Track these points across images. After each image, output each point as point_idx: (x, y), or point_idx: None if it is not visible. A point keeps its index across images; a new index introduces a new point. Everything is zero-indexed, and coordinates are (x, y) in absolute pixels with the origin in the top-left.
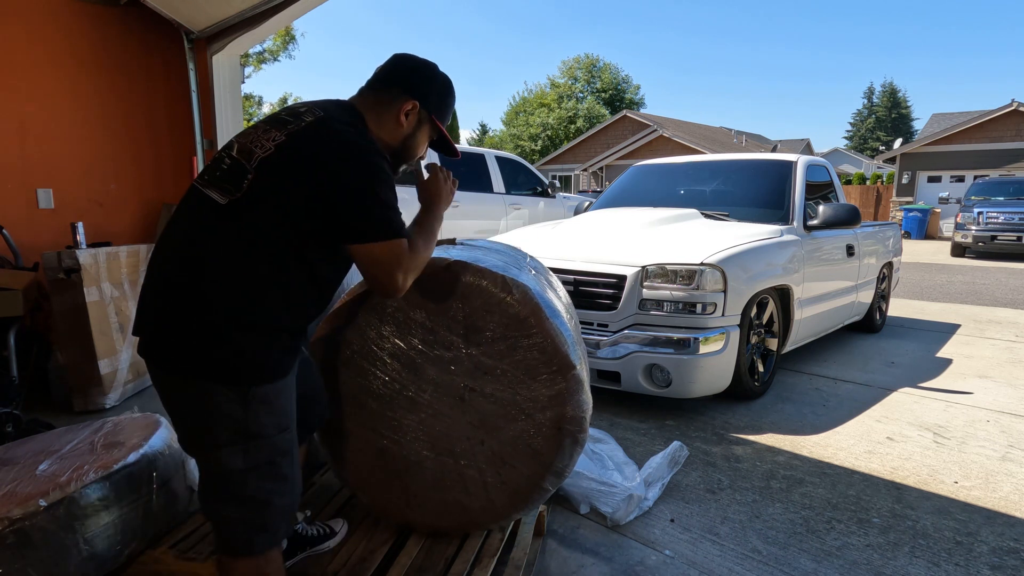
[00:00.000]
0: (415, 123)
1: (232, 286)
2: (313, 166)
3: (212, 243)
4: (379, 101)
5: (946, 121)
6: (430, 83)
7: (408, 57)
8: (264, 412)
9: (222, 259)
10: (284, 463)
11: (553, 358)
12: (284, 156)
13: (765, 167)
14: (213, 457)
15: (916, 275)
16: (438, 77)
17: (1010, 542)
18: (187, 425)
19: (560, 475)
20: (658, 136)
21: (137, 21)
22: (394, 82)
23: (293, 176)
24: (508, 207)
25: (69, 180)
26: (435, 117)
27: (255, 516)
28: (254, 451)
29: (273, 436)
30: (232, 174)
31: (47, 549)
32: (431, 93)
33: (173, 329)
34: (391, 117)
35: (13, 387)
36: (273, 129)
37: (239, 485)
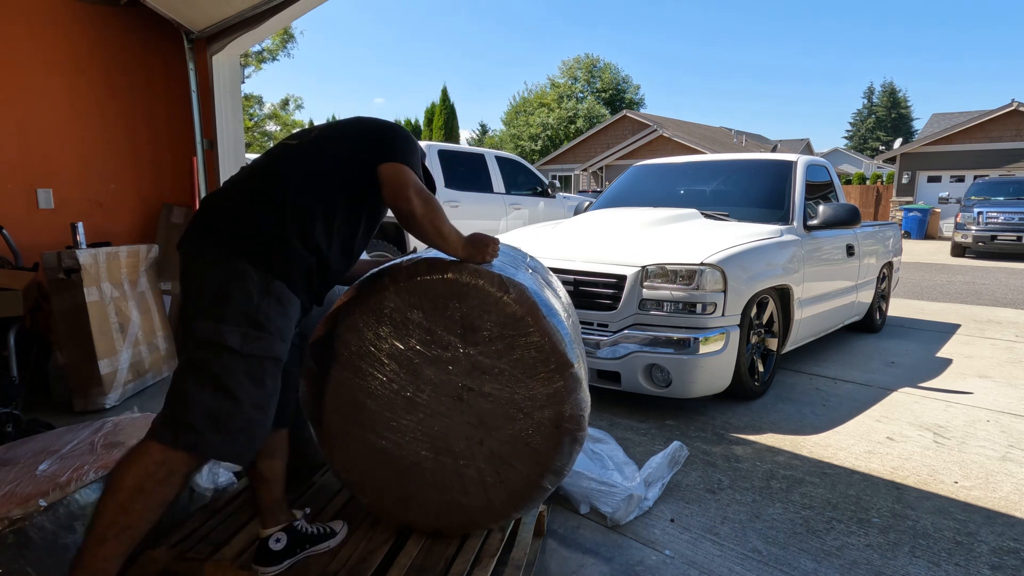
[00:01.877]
0: None
1: (293, 203)
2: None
3: (288, 168)
4: None
5: (946, 121)
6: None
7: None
8: (274, 309)
9: (295, 179)
10: (269, 372)
11: (551, 356)
12: (338, 127)
13: (765, 167)
14: (211, 327)
15: (916, 275)
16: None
17: (1010, 542)
18: (203, 294)
19: (559, 474)
20: (658, 136)
21: (137, 21)
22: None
23: (349, 128)
24: (508, 207)
25: (69, 180)
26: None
27: (221, 408)
28: (252, 340)
29: (273, 336)
30: (299, 135)
31: (47, 549)
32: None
33: (230, 218)
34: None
35: (13, 387)
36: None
37: (221, 364)
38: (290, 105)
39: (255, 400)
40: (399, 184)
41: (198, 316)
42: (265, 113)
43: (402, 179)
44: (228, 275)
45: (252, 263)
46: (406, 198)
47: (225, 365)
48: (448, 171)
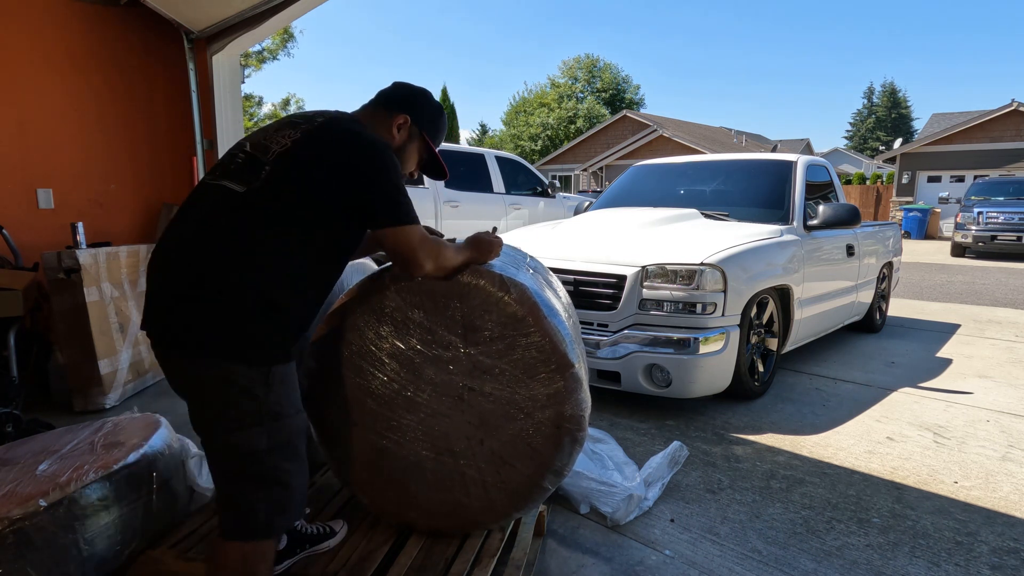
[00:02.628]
0: (406, 137)
1: (256, 269)
2: (330, 156)
3: (233, 230)
4: (376, 114)
5: (946, 121)
6: (424, 104)
7: (406, 84)
8: (284, 392)
9: (246, 244)
10: (301, 443)
11: (551, 357)
12: (301, 149)
13: (765, 167)
14: (235, 438)
15: (916, 275)
16: (431, 102)
17: (1010, 542)
18: (208, 407)
19: (559, 474)
20: (658, 136)
21: (137, 21)
22: (391, 101)
23: (311, 166)
24: (508, 207)
25: (69, 180)
26: (426, 135)
27: (278, 497)
28: (276, 431)
29: (293, 416)
30: (249, 167)
31: (47, 549)
32: (424, 112)
33: (198, 312)
34: (384, 129)
35: (13, 387)
36: (286, 128)
37: (262, 465)
38: (291, 105)
39: (300, 469)
40: (406, 255)
41: (215, 429)
42: (265, 113)
43: (407, 247)
44: (221, 384)
45: (237, 362)
46: (418, 265)
47: (264, 464)
48: (448, 171)
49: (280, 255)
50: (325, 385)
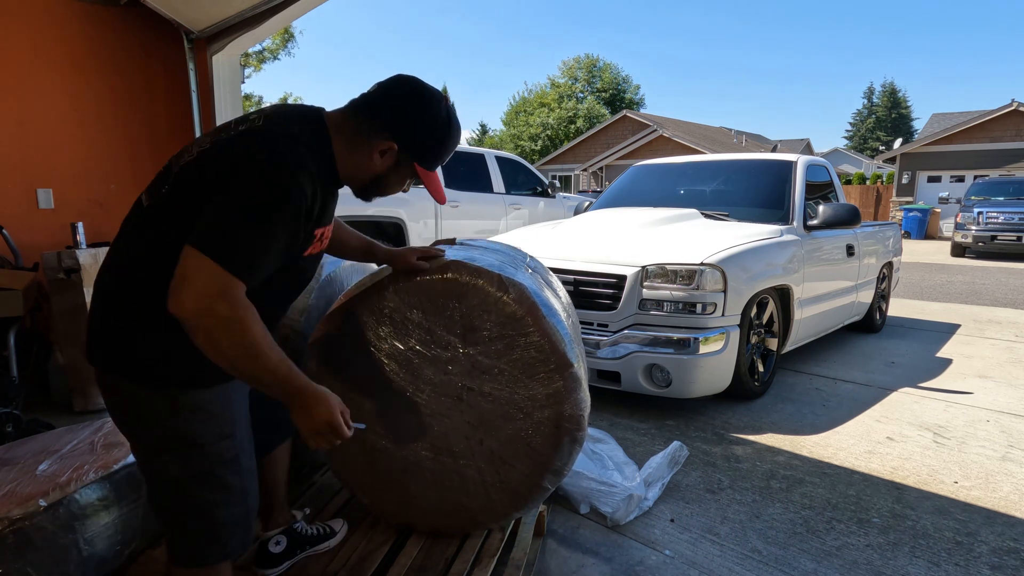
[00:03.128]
0: (392, 164)
1: (148, 288)
2: (212, 176)
3: (134, 245)
4: (351, 127)
5: (946, 121)
6: (417, 123)
7: (407, 84)
8: (198, 419)
9: (141, 262)
10: (228, 472)
11: (550, 356)
12: (198, 165)
13: (765, 167)
14: (150, 463)
15: (916, 275)
16: (429, 116)
17: (1010, 542)
18: (123, 429)
19: (559, 474)
20: (658, 136)
21: (137, 21)
22: (375, 112)
23: (194, 186)
24: (508, 207)
25: (69, 180)
26: (420, 165)
27: (201, 527)
28: (190, 460)
29: (212, 444)
30: (159, 178)
31: (47, 549)
32: (416, 134)
33: (102, 330)
34: (365, 151)
35: (13, 387)
36: (210, 136)
37: (179, 494)
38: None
39: (229, 499)
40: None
41: (133, 448)
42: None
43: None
44: (128, 404)
45: (138, 384)
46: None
47: (183, 492)
48: (448, 171)
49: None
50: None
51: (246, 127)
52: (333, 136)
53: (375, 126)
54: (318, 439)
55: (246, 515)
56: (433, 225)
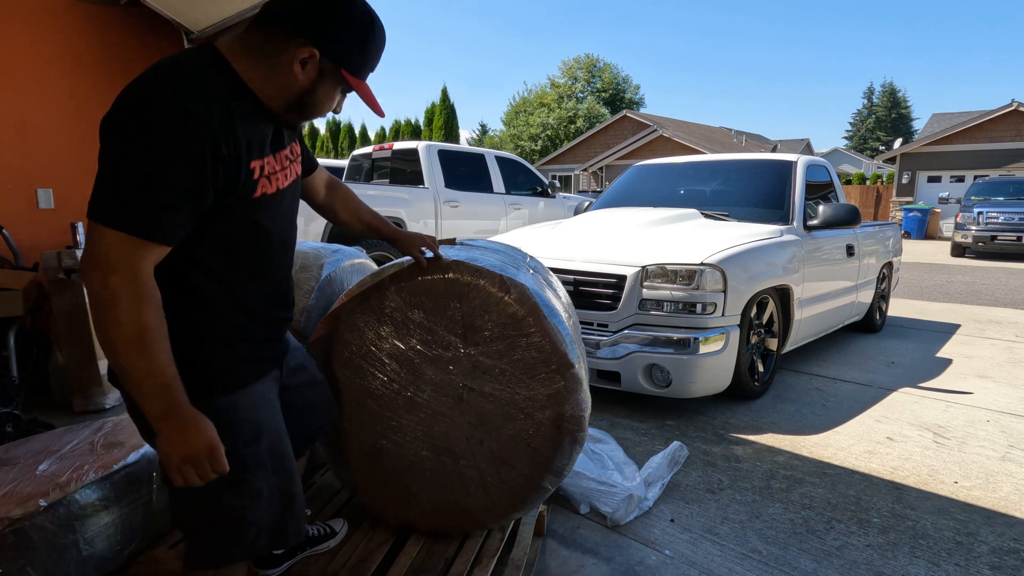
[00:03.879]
0: (315, 75)
1: None
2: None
3: None
4: (265, 44)
5: (946, 121)
6: (336, 21)
7: None
8: (221, 426)
9: None
10: (256, 477)
11: (551, 357)
12: None
13: (765, 167)
14: None
15: (916, 275)
16: (347, 12)
17: (1010, 542)
18: (147, 439)
19: (559, 474)
20: (658, 136)
21: (137, 21)
22: (288, 17)
23: None
24: (508, 207)
25: (69, 180)
26: (346, 71)
27: (232, 530)
28: None
29: (236, 450)
30: None
31: (47, 549)
32: (338, 35)
33: None
34: (282, 64)
35: (13, 387)
36: None
37: (206, 500)
38: None
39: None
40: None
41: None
42: None
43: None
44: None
45: None
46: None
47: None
48: (448, 171)
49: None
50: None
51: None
52: (235, 61)
53: (286, 32)
54: (188, 470)
55: (280, 515)
56: (433, 225)
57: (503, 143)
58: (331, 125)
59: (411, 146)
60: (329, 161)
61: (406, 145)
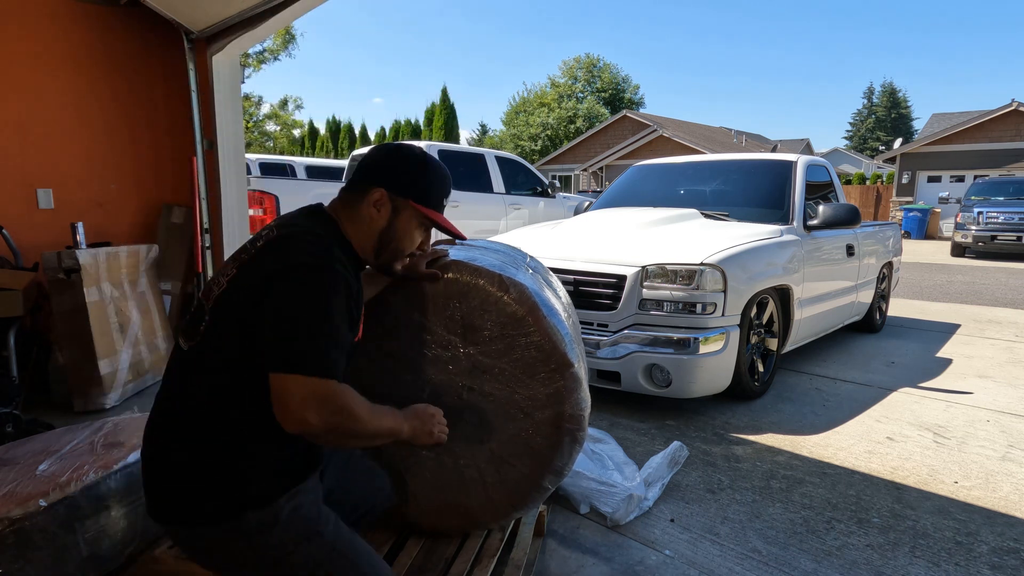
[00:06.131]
0: (389, 213)
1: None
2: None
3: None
4: (349, 199)
5: (946, 121)
6: (400, 163)
7: (382, 145)
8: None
9: (205, 406)
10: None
11: (551, 356)
12: (232, 291)
13: (765, 167)
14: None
15: (916, 275)
16: (412, 157)
17: (1010, 542)
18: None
19: (559, 474)
20: (658, 136)
21: (137, 21)
22: (364, 175)
23: (237, 310)
24: (508, 207)
25: (69, 180)
26: (416, 202)
27: None
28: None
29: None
30: (195, 318)
31: (47, 549)
32: (402, 174)
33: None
34: (363, 212)
35: (13, 387)
36: (232, 262)
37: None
38: (289, 105)
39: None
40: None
41: None
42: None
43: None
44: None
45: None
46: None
47: None
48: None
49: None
50: None
51: (264, 242)
52: (339, 220)
53: (362, 187)
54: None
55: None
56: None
57: (503, 143)
58: (331, 125)
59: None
60: (329, 161)
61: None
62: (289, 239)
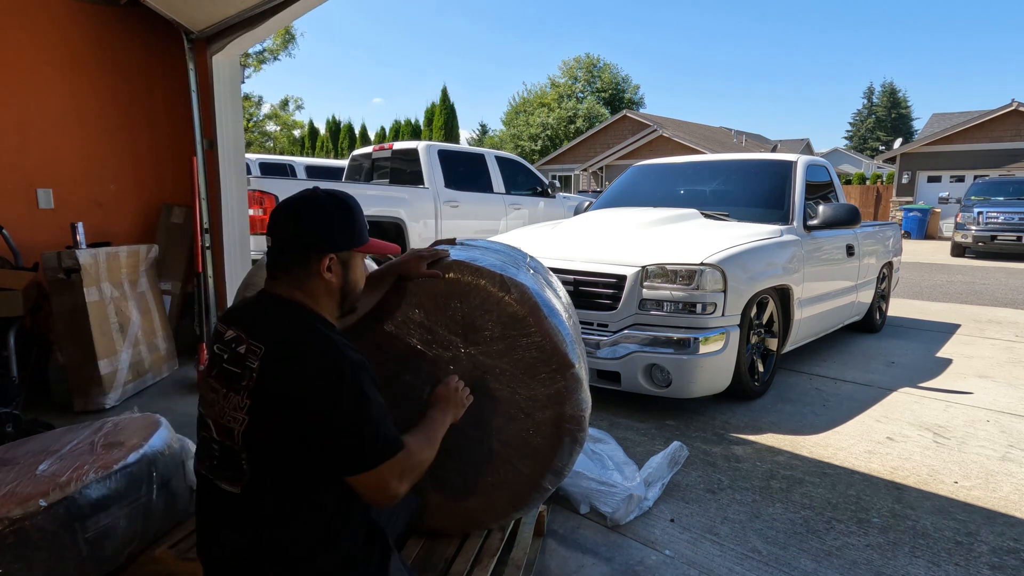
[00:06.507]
0: (340, 269)
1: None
2: (287, 419)
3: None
4: (298, 276)
5: (946, 121)
6: (335, 223)
7: (294, 207)
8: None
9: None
10: None
11: (552, 357)
12: (259, 423)
13: (765, 167)
14: None
15: (916, 275)
16: (335, 209)
17: (1010, 542)
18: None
19: (559, 474)
20: (658, 136)
21: (137, 21)
22: (300, 247)
23: (276, 437)
24: (508, 207)
25: (69, 180)
26: (358, 247)
27: None
28: None
29: None
30: (228, 460)
31: (47, 549)
32: (338, 232)
33: None
34: (316, 283)
35: (13, 387)
36: (230, 392)
37: None
38: (289, 105)
39: None
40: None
41: None
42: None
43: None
44: None
45: None
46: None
47: None
48: (448, 171)
49: (309, 532)
50: None
51: (258, 362)
52: (302, 302)
53: (309, 255)
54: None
55: None
56: (433, 225)
57: (503, 143)
58: (331, 125)
59: (411, 146)
60: (329, 161)
61: (406, 145)
62: (292, 351)
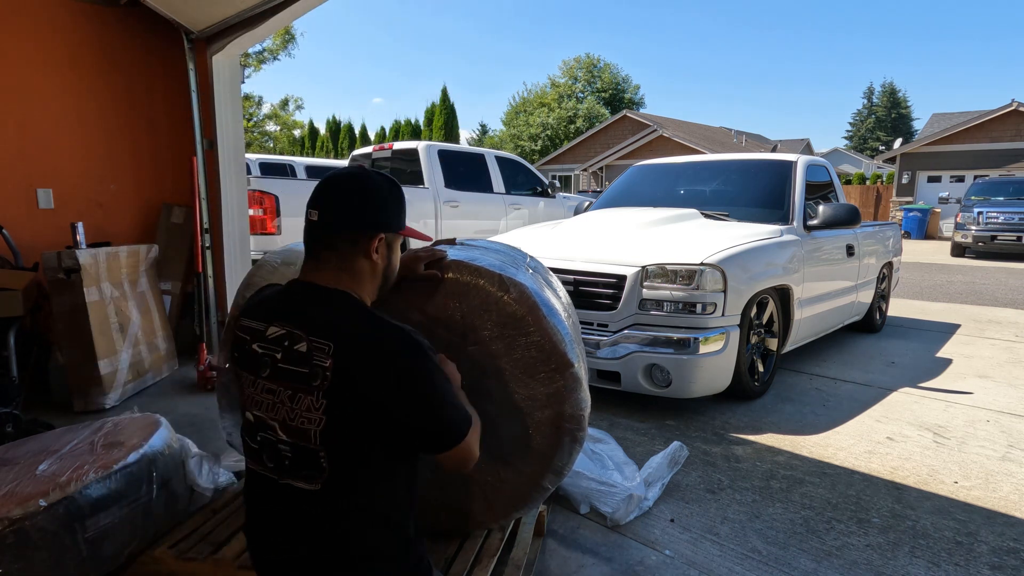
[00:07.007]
0: (386, 250)
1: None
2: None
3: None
4: (345, 255)
5: (946, 121)
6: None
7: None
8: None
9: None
10: None
11: (551, 356)
12: (340, 418)
13: (765, 167)
14: None
15: (916, 275)
16: (388, 189)
17: (1010, 542)
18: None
19: (559, 474)
20: (658, 136)
21: (137, 21)
22: (355, 225)
23: (362, 430)
24: (508, 207)
25: (69, 180)
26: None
27: None
28: None
29: None
30: (304, 461)
31: (47, 549)
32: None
33: None
34: (362, 265)
35: (13, 387)
36: (298, 393)
37: None
38: (289, 105)
39: None
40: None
41: None
42: (265, 113)
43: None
44: None
45: None
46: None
47: None
48: (448, 171)
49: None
50: None
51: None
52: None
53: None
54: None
55: None
56: (433, 225)
57: (503, 143)
58: (331, 125)
59: (411, 146)
60: (329, 161)
61: (406, 145)
62: (368, 349)
